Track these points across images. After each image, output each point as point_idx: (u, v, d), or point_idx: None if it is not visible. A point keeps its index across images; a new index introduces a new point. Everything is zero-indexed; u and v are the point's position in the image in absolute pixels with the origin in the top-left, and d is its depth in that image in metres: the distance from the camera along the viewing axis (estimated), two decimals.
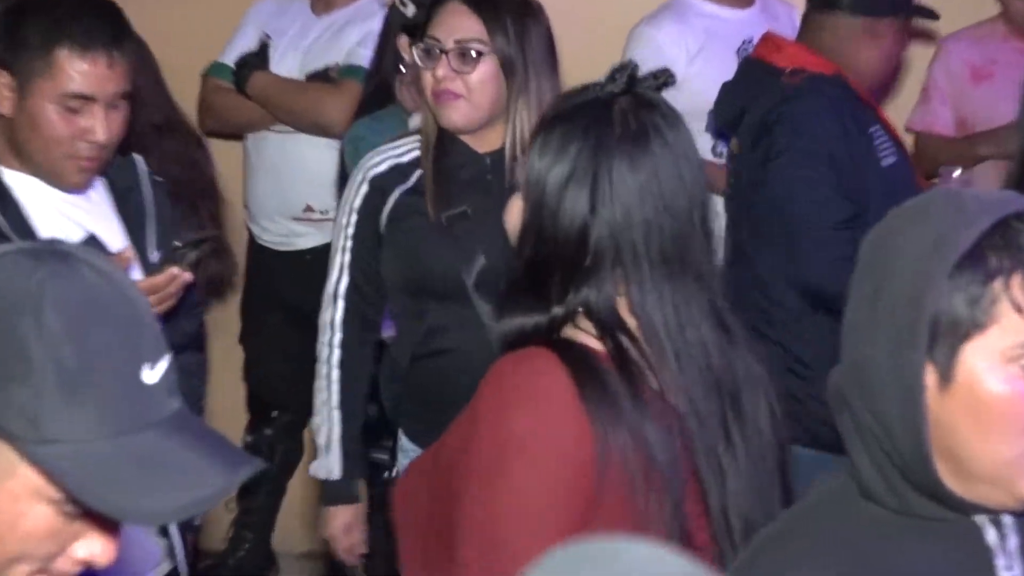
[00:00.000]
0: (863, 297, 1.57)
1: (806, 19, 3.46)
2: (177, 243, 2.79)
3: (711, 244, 2.07)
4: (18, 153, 2.70)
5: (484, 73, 2.95)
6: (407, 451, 3.07)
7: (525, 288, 2.05)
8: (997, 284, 1.47)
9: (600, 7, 4.84)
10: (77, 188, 2.73)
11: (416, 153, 3.04)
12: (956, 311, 1.48)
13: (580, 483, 1.94)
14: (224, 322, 4.54)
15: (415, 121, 3.47)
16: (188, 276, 2.65)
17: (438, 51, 2.95)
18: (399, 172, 3.03)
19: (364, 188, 3.05)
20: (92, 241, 2.65)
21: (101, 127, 2.64)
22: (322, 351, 3.08)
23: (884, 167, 3.29)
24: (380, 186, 3.02)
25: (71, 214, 2.75)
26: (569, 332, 1.99)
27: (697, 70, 4.10)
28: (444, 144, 3.02)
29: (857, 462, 1.58)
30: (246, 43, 4.36)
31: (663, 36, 4.21)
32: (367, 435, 3.20)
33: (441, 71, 2.94)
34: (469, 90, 2.95)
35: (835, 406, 1.60)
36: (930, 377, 1.50)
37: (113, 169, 2.81)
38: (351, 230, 3.05)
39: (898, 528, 1.58)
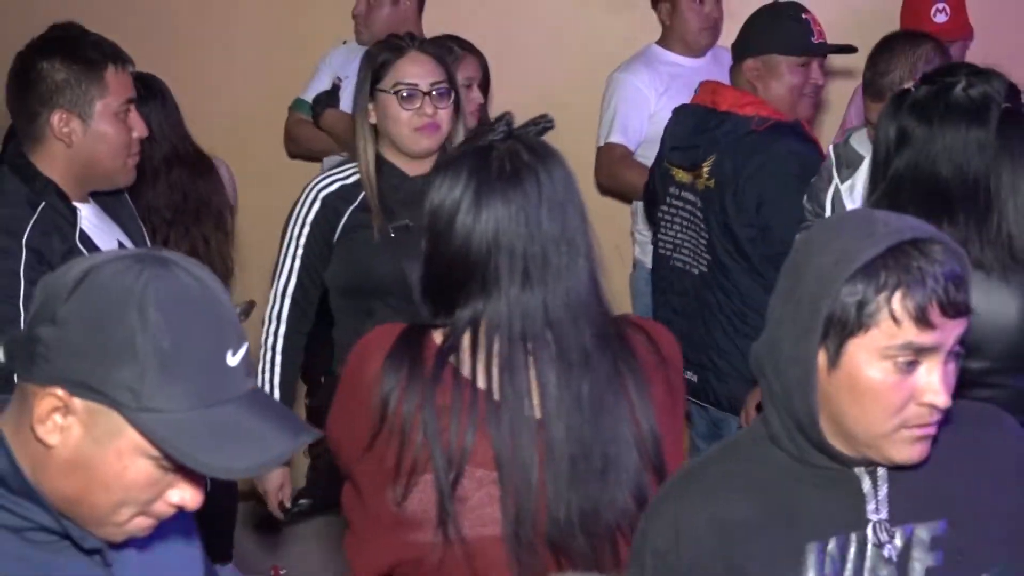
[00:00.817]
0: (782, 291, 1.65)
1: (730, 71, 3.54)
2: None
3: (584, 265, 2.04)
4: (72, 178, 2.69)
5: (450, 108, 3.12)
6: None
7: (427, 300, 2.10)
8: (882, 296, 1.52)
9: (583, 45, 4.91)
10: (129, 184, 2.81)
11: (353, 176, 3.15)
12: (846, 313, 1.54)
13: (360, 427, 2.01)
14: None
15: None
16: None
17: (418, 93, 3.07)
18: (347, 191, 3.13)
19: (316, 205, 3.14)
20: (120, 246, 2.76)
21: (140, 123, 2.73)
22: (267, 339, 3.19)
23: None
24: (332, 204, 3.13)
25: (102, 227, 2.79)
26: (440, 329, 2.05)
27: (663, 105, 4.27)
28: (381, 170, 3.11)
29: (769, 415, 1.67)
30: (321, 84, 4.49)
31: (638, 80, 4.46)
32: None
33: (428, 109, 3.07)
34: (442, 123, 3.09)
35: (755, 371, 1.69)
36: (821, 360, 1.58)
37: (115, 195, 2.89)
38: (303, 240, 3.14)
39: (796, 471, 1.66)
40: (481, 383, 1.97)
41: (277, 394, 3.13)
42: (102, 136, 2.66)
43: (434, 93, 3.08)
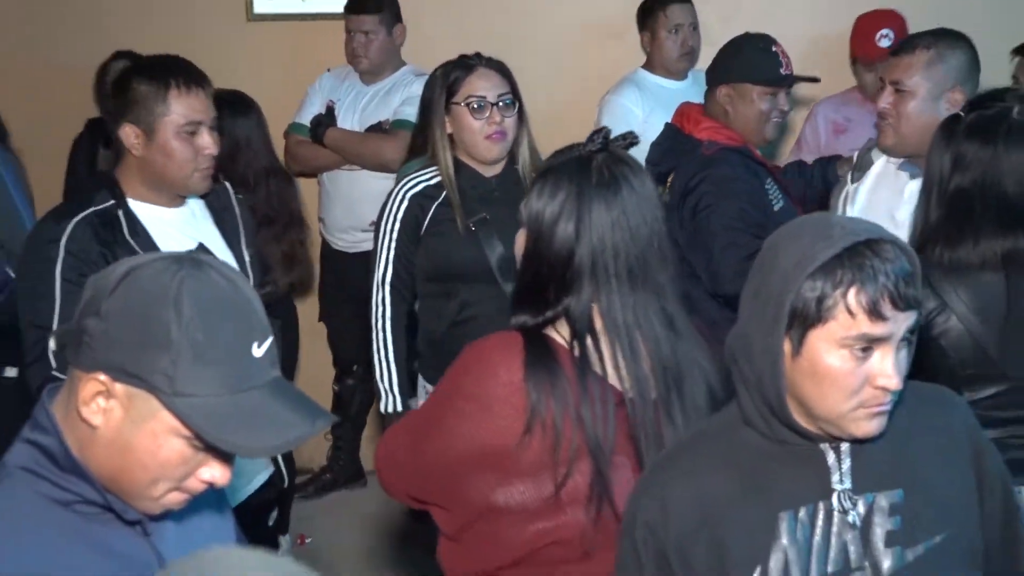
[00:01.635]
0: (751, 289, 1.65)
1: (705, 94, 3.48)
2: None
3: (667, 262, 2.04)
4: (147, 184, 2.70)
5: (515, 116, 3.16)
6: (428, 391, 3.16)
7: (526, 297, 2.06)
8: (838, 292, 1.52)
9: (584, 69, 4.80)
10: (204, 192, 2.78)
11: (435, 178, 3.16)
12: (807, 307, 1.55)
13: (502, 437, 1.94)
14: (308, 308, 4.62)
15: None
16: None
17: (488, 104, 3.11)
18: (430, 191, 3.16)
19: (405, 204, 3.17)
20: (202, 247, 2.74)
21: (212, 144, 2.68)
22: (376, 323, 3.21)
23: (776, 210, 3.28)
24: (418, 202, 3.16)
25: (183, 229, 2.76)
26: (548, 329, 2.01)
27: (649, 125, 4.13)
28: (459, 172, 3.15)
29: (742, 399, 1.67)
30: (314, 108, 4.50)
31: (626, 101, 4.41)
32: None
33: (496, 118, 3.11)
34: (508, 130, 3.13)
35: (729, 359, 1.69)
36: (787, 349, 1.58)
37: (215, 193, 2.86)
38: (395, 234, 3.18)
39: (768, 449, 1.66)
40: (612, 379, 1.98)
41: (395, 369, 3.19)
42: (163, 151, 2.65)
43: (500, 104, 3.13)
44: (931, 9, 4.39)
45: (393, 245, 3.18)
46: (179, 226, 2.77)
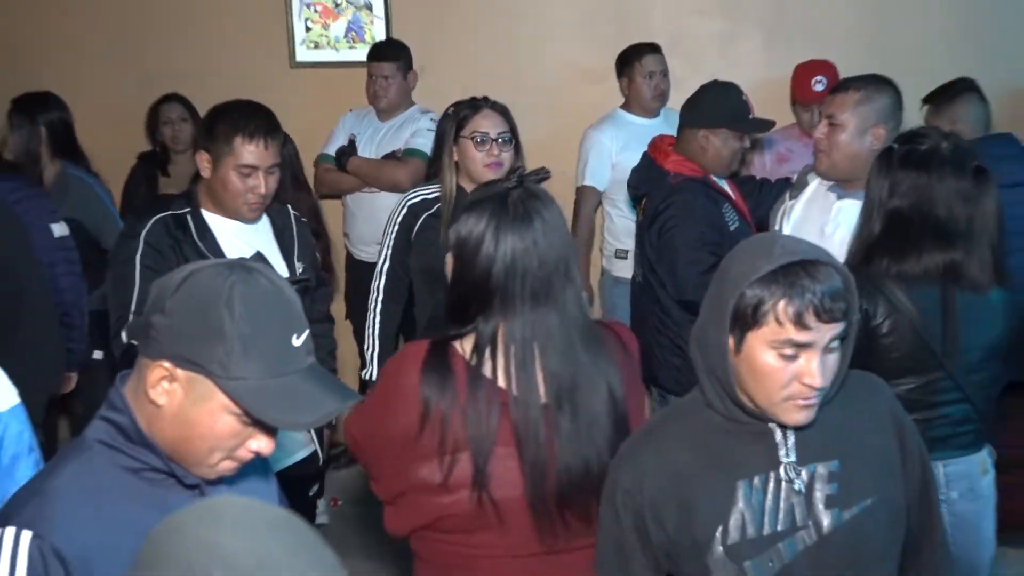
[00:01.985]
0: (710, 292, 1.66)
1: (681, 132, 3.43)
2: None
3: (572, 283, 1.99)
4: (214, 201, 2.73)
5: (512, 151, 3.15)
6: None
7: (453, 313, 2.03)
8: (771, 302, 1.54)
9: (566, 108, 4.76)
10: (251, 220, 2.79)
11: (435, 193, 3.17)
12: (746, 311, 1.56)
13: (404, 427, 1.94)
14: (337, 308, 4.29)
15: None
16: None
17: (490, 140, 3.11)
18: (426, 203, 3.17)
19: (404, 211, 3.19)
20: (259, 256, 2.74)
21: (262, 185, 2.69)
22: (371, 305, 3.24)
23: (731, 230, 3.27)
24: (413, 210, 3.18)
25: (246, 239, 2.78)
26: (455, 341, 1.99)
27: (624, 157, 4.20)
28: (458, 195, 3.11)
29: (703, 385, 1.68)
30: (338, 141, 4.48)
31: (603, 136, 4.41)
32: None
33: (495, 151, 3.10)
34: (505, 162, 3.10)
35: (692, 351, 1.71)
36: (731, 345, 1.60)
37: (275, 213, 2.89)
38: (394, 235, 3.20)
39: (726, 427, 1.67)
40: (501, 382, 1.94)
41: (378, 345, 3.21)
42: (221, 181, 2.70)
43: (500, 140, 3.13)
44: (858, 59, 4.33)
45: (392, 243, 3.20)
46: (243, 236, 2.78)
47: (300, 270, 2.89)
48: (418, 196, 3.22)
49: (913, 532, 1.76)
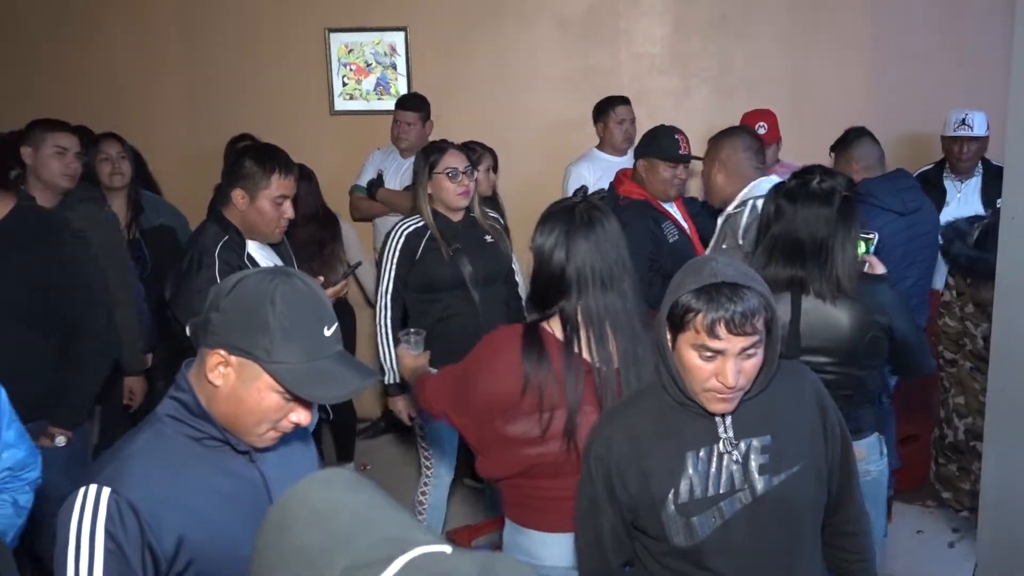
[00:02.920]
0: (665, 296, 1.63)
1: (634, 163, 3.48)
2: (348, 266, 2.89)
3: (628, 274, 2.03)
4: (246, 228, 2.69)
5: (473, 181, 3.16)
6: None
7: (535, 300, 2.06)
8: (692, 313, 1.54)
9: (551, 145, 4.73)
10: (277, 240, 2.79)
11: (421, 223, 3.10)
12: (677, 317, 1.56)
13: (507, 393, 1.97)
14: (367, 312, 4.43)
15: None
16: (347, 286, 2.80)
17: (460, 173, 3.10)
18: (419, 231, 3.10)
19: (403, 239, 3.10)
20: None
21: (291, 211, 2.71)
22: (380, 318, 3.14)
23: (671, 242, 3.32)
24: (411, 239, 3.10)
25: (268, 256, 2.77)
26: (545, 323, 2.02)
27: (598, 187, 3.92)
28: (436, 219, 3.11)
29: (659, 373, 1.67)
30: (368, 175, 4.46)
31: (582, 171, 4.34)
32: None
33: (465, 182, 3.10)
34: (471, 189, 3.12)
35: (655, 346, 1.67)
36: (670, 343, 1.61)
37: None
38: (395, 260, 3.11)
39: (677, 407, 1.64)
40: (585, 355, 1.98)
41: (392, 353, 3.12)
42: (259, 211, 2.67)
43: (466, 172, 3.13)
44: (788, 108, 4.42)
45: (394, 267, 3.12)
46: (265, 253, 2.77)
47: None
48: (410, 226, 3.14)
49: (834, 492, 1.75)
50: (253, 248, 2.73)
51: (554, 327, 2.00)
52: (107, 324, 2.82)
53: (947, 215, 3.83)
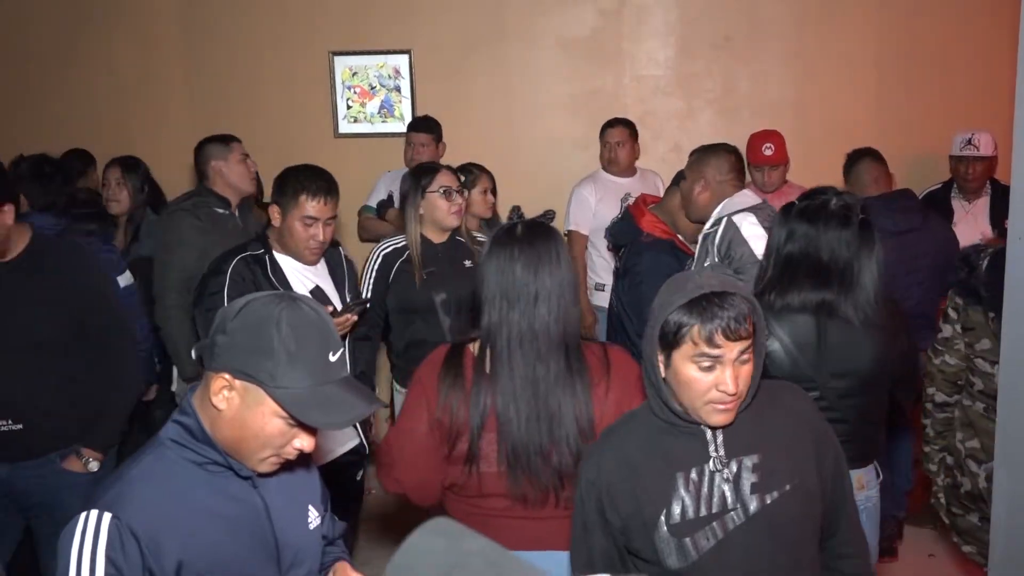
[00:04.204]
0: (649, 319, 1.64)
1: (667, 191, 3.37)
2: (347, 303, 2.79)
3: (565, 299, 1.95)
4: (282, 244, 2.72)
5: (464, 200, 3.17)
6: (400, 391, 3.15)
7: (472, 321, 2.06)
8: (687, 326, 1.55)
9: (546, 167, 4.78)
10: (312, 263, 2.78)
11: (402, 243, 3.09)
12: (670, 334, 1.57)
13: (427, 414, 1.97)
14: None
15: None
16: (354, 318, 2.74)
17: (453, 192, 3.10)
18: (398, 252, 3.10)
19: (380, 259, 3.11)
20: (317, 290, 2.76)
21: (321, 233, 2.69)
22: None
23: None
24: (388, 259, 3.10)
25: (307, 275, 2.77)
26: (471, 343, 2.01)
27: (601, 208, 4.30)
28: (422, 240, 3.09)
29: (649, 397, 1.68)
30: (379, 195, 4.46)
31: (584, 191, 4.42)
32: None
33: (459, 200, 3.12)
34: (462, 208, 3.13)
35: (643, 369, 1.68)
36: (661, 360, 1.61)
37: (328, 254, 2.85)
38: (372, 280, 3.10)
39: (666, 429, 1.66)
40: (488, 371, 1.95)
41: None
42: (288, 230, 2.70)
43: (457, 192, 3.14)
44: (792, 128, 4.41)
45: (371, 286, 3.12)
46: (306, 273, 2.77)
47: (350, 299, 2.86)
48: (389, 246, 3.15)
49: (829, 510, 1.75)
50: (288, 265, 2.74)
51: (475, 347, 1.99)
52: (134, 348, 2.85)
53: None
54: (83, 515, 1.34)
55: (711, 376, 1.56)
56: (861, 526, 1.85)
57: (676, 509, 1.63)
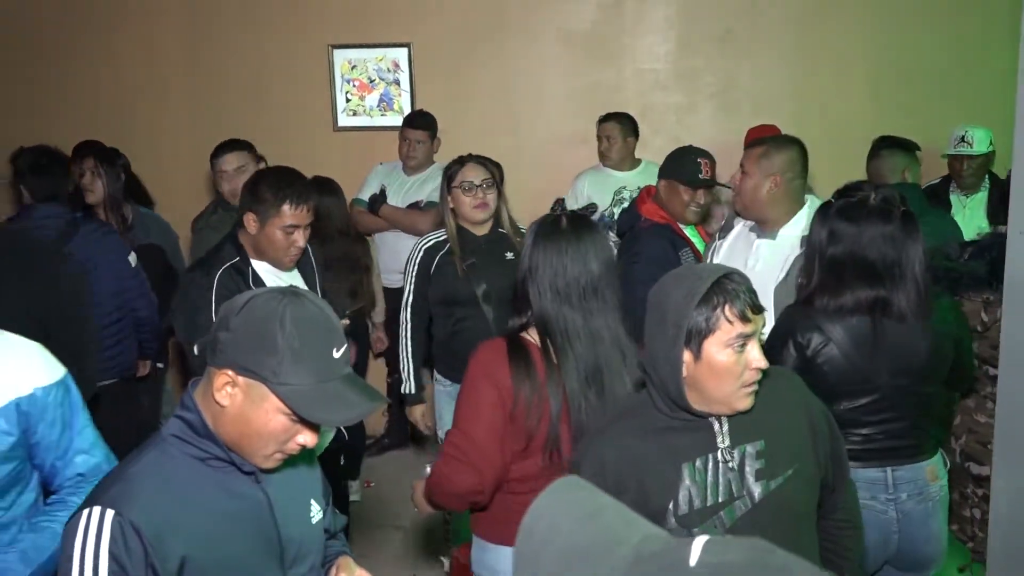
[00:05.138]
0: (651, 321, 1.63)
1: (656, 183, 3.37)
2: (345, 311, 2.79)
3: (613, 289, 2.01)
4: (257, 251, 2.67)
5: (494, 194, 3.13)
6: (440, 381, 3.20)
7: (515, 309, 2.07)
8: (718, 311, 1.55)
9: (553, 161, 4.75)
10: (288, 270, 2.73)
11: (443, 237, 3.12)
12: (699, 326, 1.56)
13: (502, 406, 1.96)
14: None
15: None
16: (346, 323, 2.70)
17: (475, 187, 3.08)
18: (439, 245, 3.11)
19: (421, 254, 3.13)
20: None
21: (302, 240, 2.66)
22: (402, 331, 3.17)
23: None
24: (430, 252, 3.12)
25: (282, 278, 2.70)
26: (524, 333, 2.03)
27: (595, 199, 4.09)
28: (459, 232, 3.11)
29: (651, 391, 1.67)
30: (371, 189, 4.43)
31: (580, 184, 4.44)
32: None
33: (480, 195, 3.07)
34: (490, 203, 3.10)
35: (642, 370, 1.72)
36: (688, 357, 1.58)
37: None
38: (415, 272, 3.14)
39: (670, 423, 1.64)
40: (556, 362, 1.99)
41: (412, 365, 3.17)
42: (267, 238, 2.64)
43: (484, 185, 3.09)
44: (792, 123, 4.35)
45: (414, 280, 3.14)
46: (280, 276, 2.72)
47: (320, 292, 2.85)
48: (431, 240, 3.17)
49: (829, 481, 1.78)
50: (264, 271, 2.70)
51: (533, 335, 2.00)
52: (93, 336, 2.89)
53: None
54: (85, 512, 1.33)
55: (743, 357, 1.57)
56: (858, 501, 1.89)
57: (683, 499, 1.63)
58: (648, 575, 0.63)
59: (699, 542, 0.64)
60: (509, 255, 3.14)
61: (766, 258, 2.69)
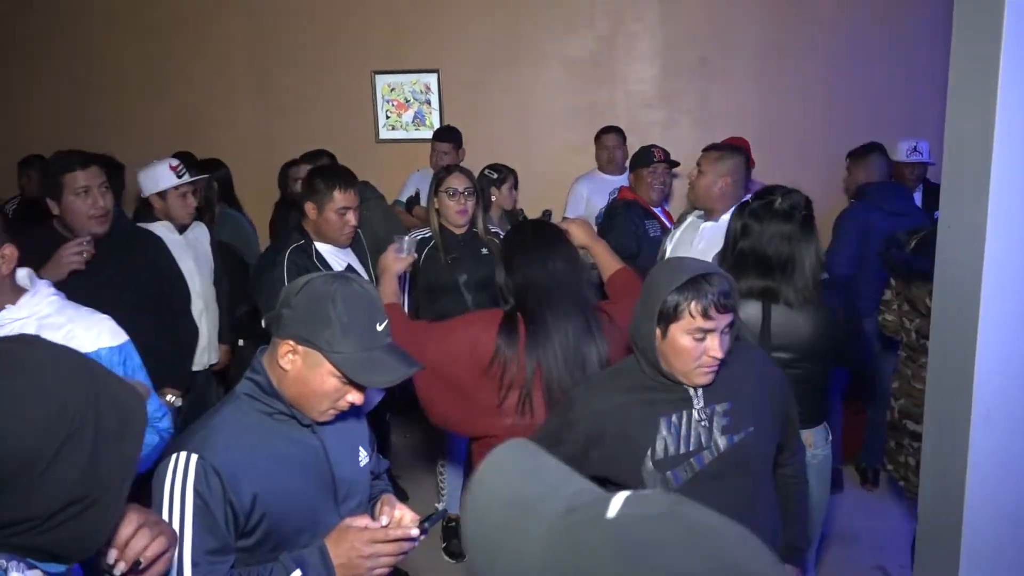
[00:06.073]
0: (641, 297, 1.62)
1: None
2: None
3: (583, 281, 2.01)
4: (318, 234, 2.65)
5: (473, 201, 2.98)
6: None
7: (501, 299, 2.06)
8: (684, 303, 1.53)
9: (550, 167, 4.74)
10: (344, 246, 2.71)
11: (428, 233, 2.98)
12: (668, 310, 1.55)
13: (478, 358, 1.96)
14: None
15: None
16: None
17: (459, 193, 2.94)
18: (424, 241, 2.97)
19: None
20: (350, 267, 2.70)
21: (354, 219, 2.65)
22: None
23: (650, 236, 3.28)
24: (417, 245, 2.90)
25: (340, 257, 2.70)
26: (513, 311, 2.02)
27: (592, 200, 4.18)
28: (442, 231, 2.99)
29: (638, 357, 1.65)
30: (408, 191, 4.40)
31: (580, 187, 4.32)
32: None
33: (462, 201, 2.94)
34: (469, 209, 2.96)
35: (630, 338, 1.67)
36: (658, 333, 1.58)
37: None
38: None
39: (652, 384, 1.62)
40: (541, 343, 1.97)
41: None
42: (326, 221, 2.64)
43: (465, 193, 2.95)
44: (758, 137, 4.35)
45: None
46: (339, 255, 2.71)
47: (373, 273, 2.80)
48: (418, 236, 2.99)
49: (782, 440, 1.79)
50: (326, 251, 2.69)
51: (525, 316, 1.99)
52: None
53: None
54: (173, 456, 1.34)
55: (702, 344, 1.55)
56: (803, 443, 1.90)
57: (660, 448, 1.62)
58: (574, 523, 0.62)
59: (620, 496, 0.63)
60: (484, 251, 3.05)
61: (708, 238, 2.77)
